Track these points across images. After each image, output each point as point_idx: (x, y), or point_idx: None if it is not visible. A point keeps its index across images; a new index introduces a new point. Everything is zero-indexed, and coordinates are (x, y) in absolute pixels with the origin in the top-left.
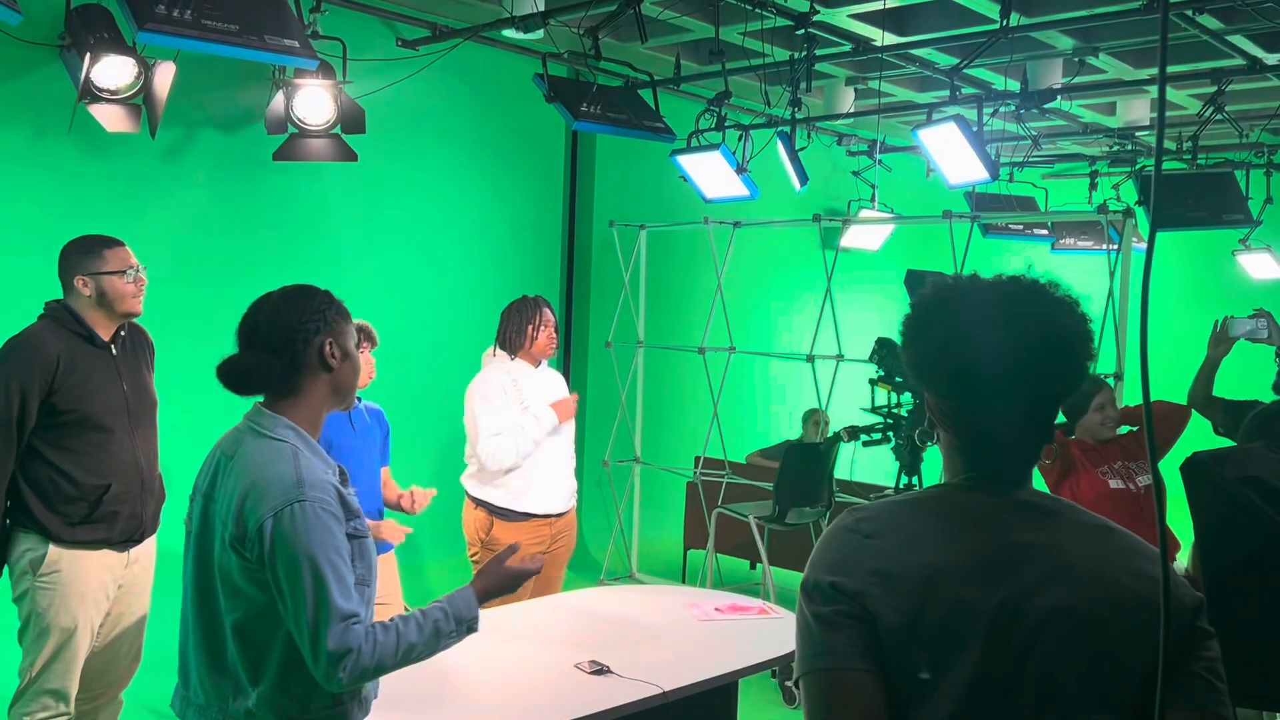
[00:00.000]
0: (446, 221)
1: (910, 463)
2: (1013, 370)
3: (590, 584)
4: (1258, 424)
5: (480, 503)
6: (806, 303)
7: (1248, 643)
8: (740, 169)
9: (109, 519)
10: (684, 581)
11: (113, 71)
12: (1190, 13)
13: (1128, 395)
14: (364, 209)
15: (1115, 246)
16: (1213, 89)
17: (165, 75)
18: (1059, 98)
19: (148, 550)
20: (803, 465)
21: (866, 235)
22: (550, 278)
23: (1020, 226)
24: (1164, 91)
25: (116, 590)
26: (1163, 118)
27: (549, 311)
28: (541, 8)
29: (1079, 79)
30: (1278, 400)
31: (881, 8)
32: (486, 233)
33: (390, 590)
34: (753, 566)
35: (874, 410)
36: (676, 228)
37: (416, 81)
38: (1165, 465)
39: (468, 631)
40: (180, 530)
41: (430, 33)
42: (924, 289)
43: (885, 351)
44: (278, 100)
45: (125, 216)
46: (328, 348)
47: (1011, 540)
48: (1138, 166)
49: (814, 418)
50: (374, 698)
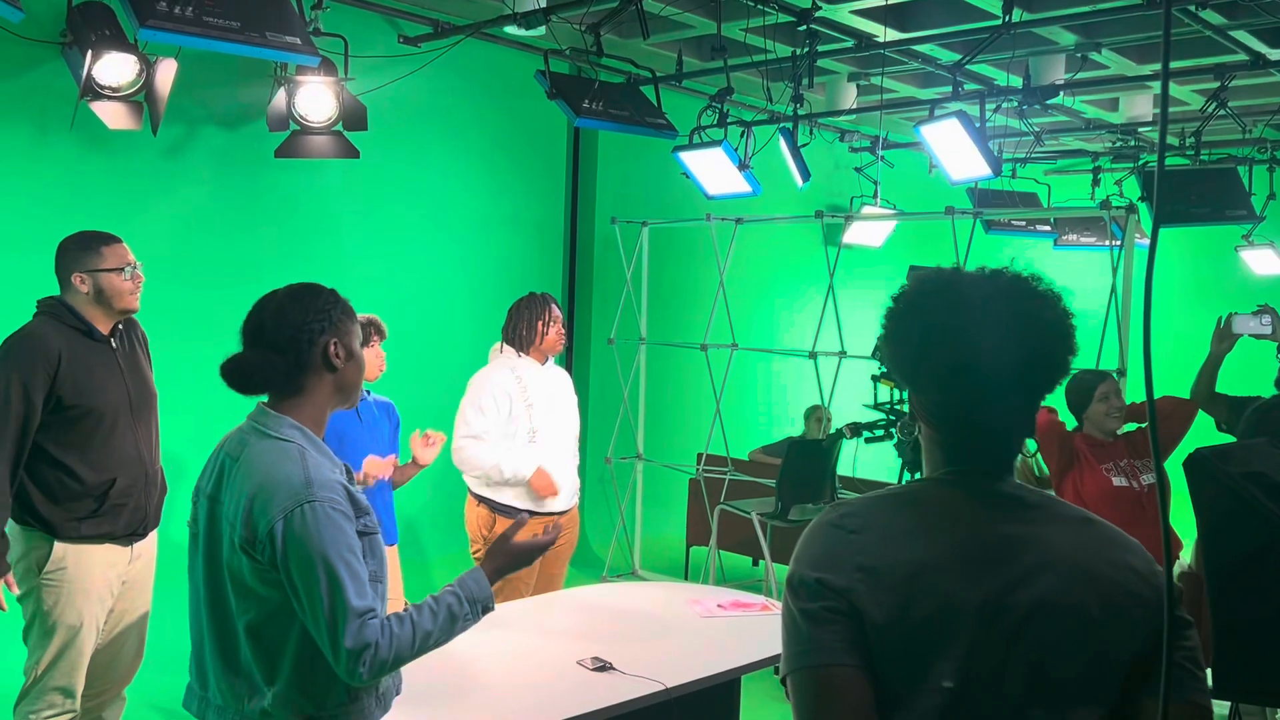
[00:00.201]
0: (448, 218)
1: (913, 459)
2: (994, 365)
3: (593, 581)
4: (1257, 419)
5: (482, 499)
6: (809, 299)
7: (1252, 639)
8: (742, 165)
9: (114, 513)
10: (686, 578)
11: (114, 68)
12: (1193, 8)
13: (1131, 391)
14: (366, 206)
15: (1118, 242)
16: (1216, 84)
17: (167, 72)
18: (1061, 93)
19: (150, 546)
20: (805, 462)
21: (869, 232)
22: (552, 275)
23: (1023, 223)
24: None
25: (120, 587)
26: (1165, 113)
27: (556, 308)
28: (543, 4)
29: (1081, 74)
30: (1277, 395)
31: (884, 3)
32: (489, 230)
33: (392, 585)
34: (755, 563)
35: (876, 407)
36: (679, 224)
37: (418, 78)
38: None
39: (483, 612)
40: (182, 528)
41: (432, 29)
42: (905, 284)
43: None
44: (279, 97)
45: (127, 213)
46: (332, 348)
47: (994, 533)
48: (1140, 162)
49: (816, 414)
50: (396, 694)
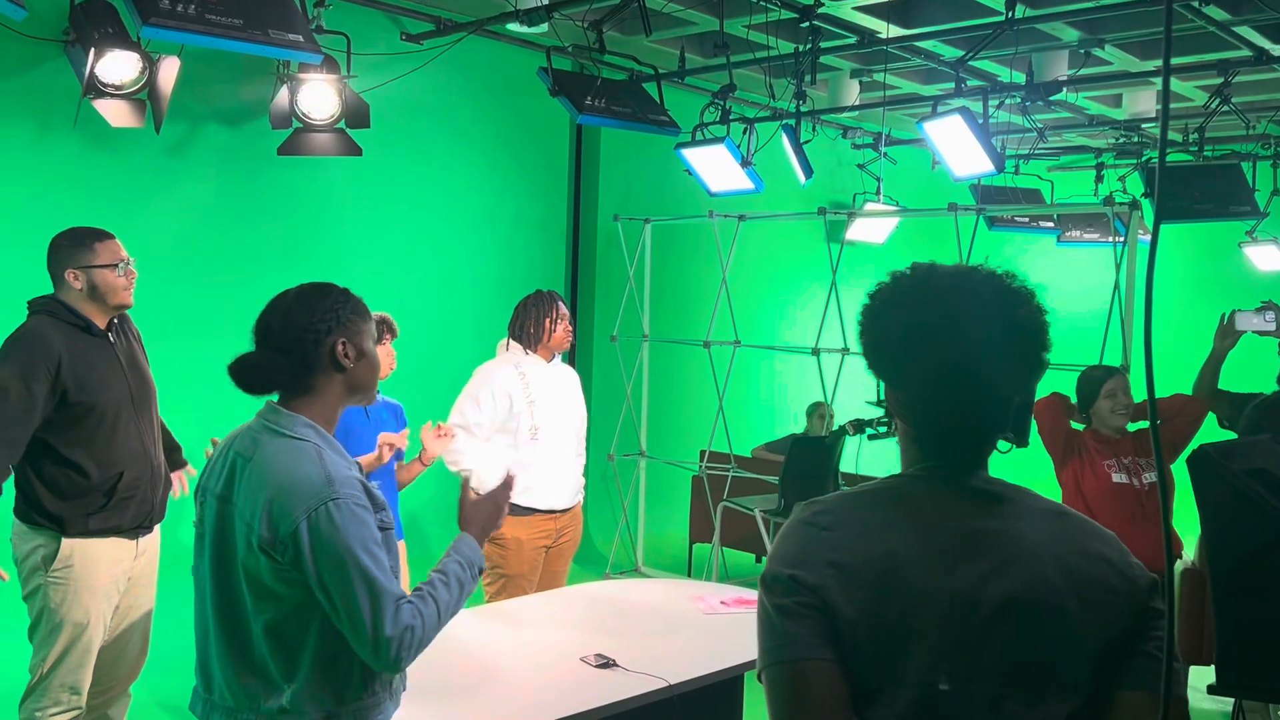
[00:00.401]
0: (451, 216)
1: None
2: (969, 361)
3: (596, 578)
4: (1258, 415)
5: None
6: (811, 296)
7: (1255, 636)
8: (745, 162)
9: (122, 507)
10: (689, 575)
11: (117, 66)
12: (1196, 3)
13: (1139, 388)
14: (368, 203)
15: (1121, 239)
16: (1219, 80)
17: (170, 70)
18: (1065, 90)
19: (154, 543)
20: (808, 459)
21: (872, 228)
22: (555, 272)
23: (1026, 219)
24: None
25: (126, 583)
26: (1166, 109)
27: (563, 305)
28: (545, 1)
29: (1085, 71)
30: (1278, 391)
31: (886, 0)
32: (491, 227)
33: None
34: (758, 560)
35: (879, 403)
36: (681, 221)
37: (421, 76)
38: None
39: (480, 573)
40: (183, 527)
41: (434, 27)
42: (882, 280)
43: None
44: (282, 95)
45: (130, 211)
46: (340, 348)
47: (966, 527)
48: (1144, 158)
49: (819, 411)
50: (403, 689)
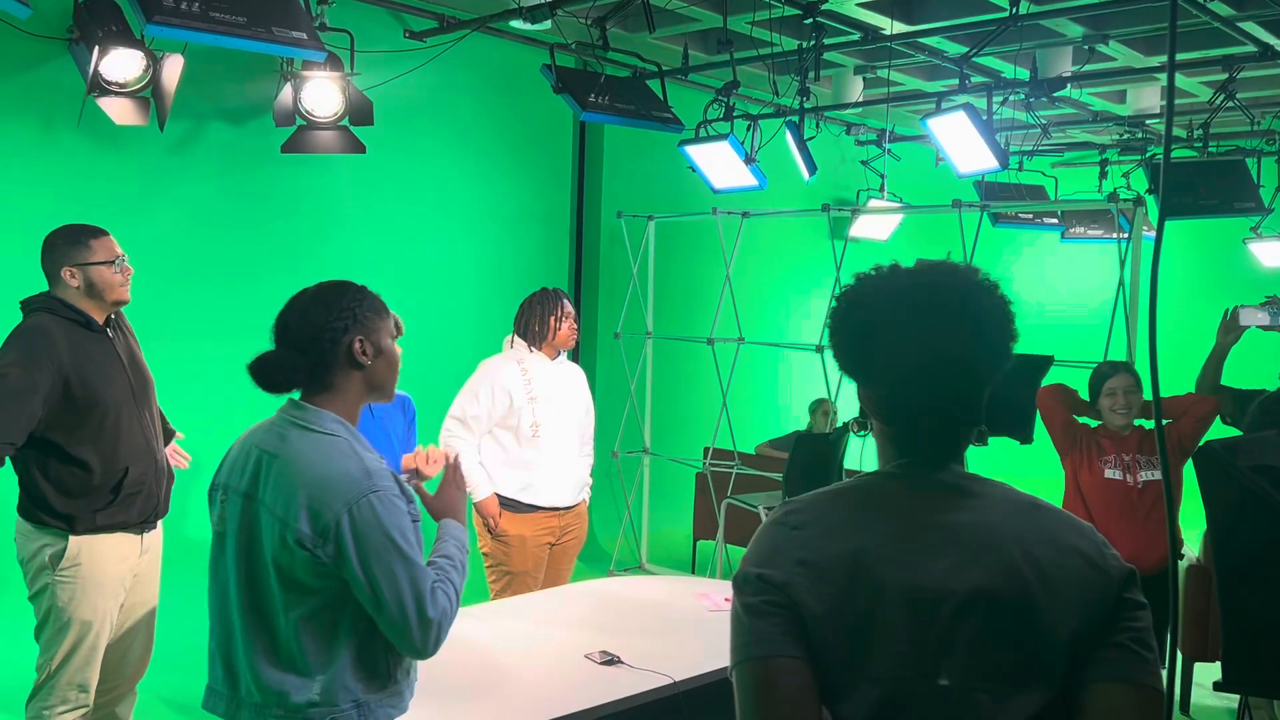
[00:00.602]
0: (455, 213)
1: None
2: (930, 355)
3: (600, 575)
4: (1262, 411)
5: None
6: (815, 293)
7: (1261, 632)
8: (749, 159)
9: (128, 502)
10: (693, 572)
11: (121, 64)
12: None
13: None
14: (372, 200)
15: (1126, 235)
16: (1224, 76)
17: (174, 68)
18: (1069, 86)
19: (157, 539)
20: (812, 456)
21: (875, 225)
22: (559, 268)
23: (1030, 215)
24: (1173, 78)
25: (132, 580)
26: (1171, 105)
27: (568, 303)
28: None
29: (1089, 67)
30: None
31: None
32: (495, 224)
33: None
34: None
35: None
36: (685, 218)
37: (424, 73)
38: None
39: (467, 553)
40: (185, 524)
41: (438, 24)
42: (847, 282)
43: None
44: (286, 92)
45: (134, 208)
46: (358, 345)
47: (935, 521)
48: (1148, 155)
49: (822, 408)
50: (416, 679)
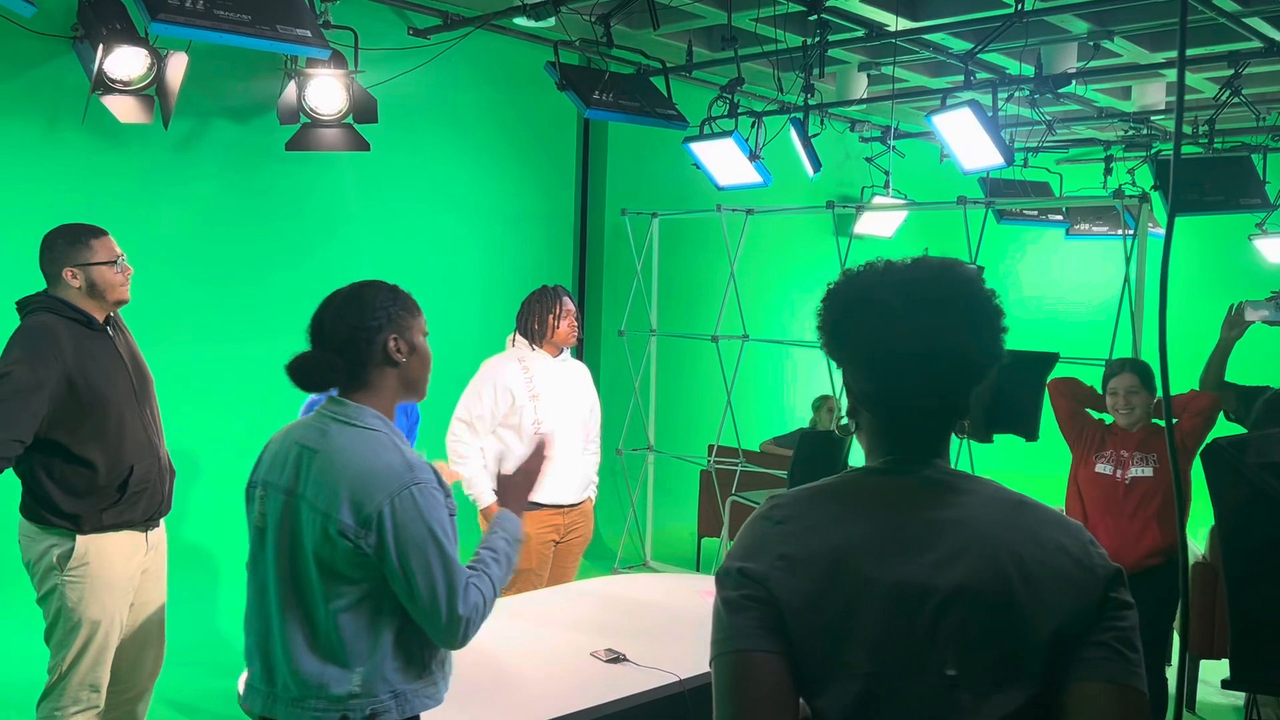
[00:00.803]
0: (458, 210)
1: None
2: (918, 350)
3: (605, 573)
4: (1267, 408)
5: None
6: (820, 290)
7: (1269, 629)
8: (753, 156)
9: (133, 500)
10: (698, 570)
11: (125, 62)
12: None
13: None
14: (376, 198)
15: (1131, 232)
16: (1229, 72)
17: (178, 66)
18: (1074, 82)
19: (161, 536)
20: (816, 453)
21: (880, 222)
22: (563, 266)
23: (1035, 212)
24: (1183, 75)
25: (140, 578)
26: (1181, 101)
27: (569, 300)
28: None
29: (1094, 63)
30: None
31: None
32: (499, 221)
33: None
34: None
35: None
36: (689, 215)
37: (428, 71)
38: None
39: (519, 545)
40: (185, 524)
41: (441, 21)
42: (834, 279)
43: None
44: (290, 90)
45: (138, 207)
46: (392, 343)
47: (917, 517)
48: (1153, 151)
49: (826, 404)
50: (451, 673)
